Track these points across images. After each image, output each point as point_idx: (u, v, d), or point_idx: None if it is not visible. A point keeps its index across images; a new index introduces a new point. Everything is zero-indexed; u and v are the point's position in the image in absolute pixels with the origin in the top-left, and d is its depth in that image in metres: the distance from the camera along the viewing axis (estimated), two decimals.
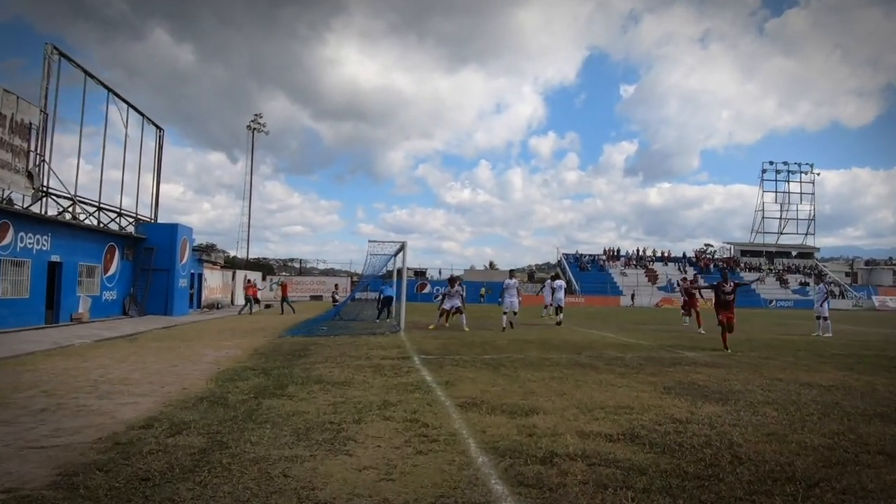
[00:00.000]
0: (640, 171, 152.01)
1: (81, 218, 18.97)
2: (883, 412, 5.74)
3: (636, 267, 59.29)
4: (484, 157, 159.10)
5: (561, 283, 20.90)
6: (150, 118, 23.82)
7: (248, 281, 28.35)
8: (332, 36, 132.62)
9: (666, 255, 63.32)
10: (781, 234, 67.37)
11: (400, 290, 17.33)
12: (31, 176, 16.13)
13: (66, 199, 18.23)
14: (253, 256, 61.02)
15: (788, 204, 66.99)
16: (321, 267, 60.29)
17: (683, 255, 64.32)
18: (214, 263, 32.61)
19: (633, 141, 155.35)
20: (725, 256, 66.04)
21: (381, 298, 20.59)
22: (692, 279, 21.62)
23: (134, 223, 22.53)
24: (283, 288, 26.91)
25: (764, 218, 66.70)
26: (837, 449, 4.34)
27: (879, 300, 53.31)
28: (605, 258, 61.00)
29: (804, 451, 4.29)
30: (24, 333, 13.49)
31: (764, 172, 66.83)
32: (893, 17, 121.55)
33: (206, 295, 29.11)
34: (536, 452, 4.14)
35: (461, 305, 16.92)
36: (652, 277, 57.06)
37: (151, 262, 21.78)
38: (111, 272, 20.04)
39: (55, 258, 16.66)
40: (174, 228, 22.88)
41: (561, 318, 19.66)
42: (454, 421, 5.16)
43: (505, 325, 16.53)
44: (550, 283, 21.85)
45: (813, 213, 67.02)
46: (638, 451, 4.24)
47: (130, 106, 22.11)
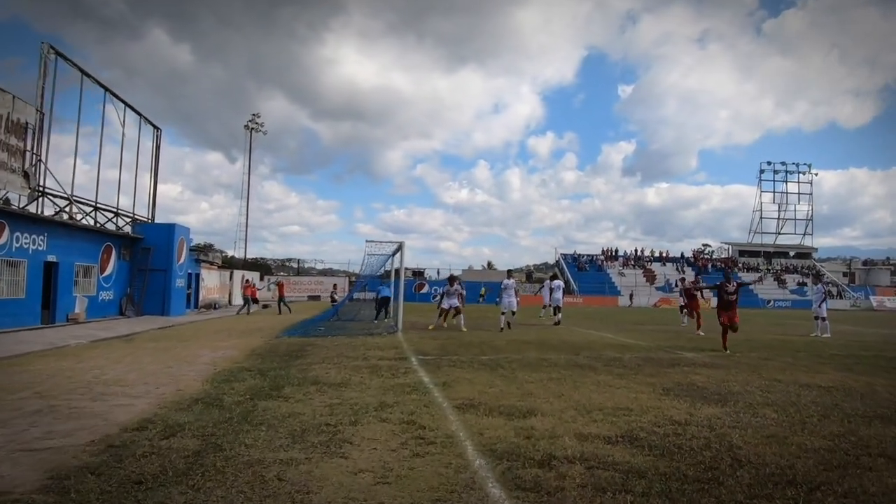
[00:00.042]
0: (638, 171, 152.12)
1: (78, 218, 18.91)
2: (883, 414, 5.70)
3: (634, 267, 59.25)
4: (482, 157, 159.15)
5: (559, 283, 20.82)
6: (147, 118, 23.78)
7: (246, 281, 28.30)
8: (330, 36, 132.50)
9: (664, 255, 63.28)
10: (779, 234, 67.39)
11: (397, 290, 17.28)
12: (27, 176, 16.07)
13: (62, 198, 18.16)
14: (251, 256, 60.95)
15: (786, 204, 67.04)
16: (319, 267, 60.24)
17: (681, 255, 64.35)
18: (212, 263, 32.57)
19: (631, 141, 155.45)
20: (723, 256, 66.07)
21: (378, 299, 20.56)
22: (694, 280, 21.41)
23: (131, 223, 22.45)
24: (279, 288, 26.88)
25: (762, 218, 66.69)
26: (838, 451, 4.30)
27: (877, 300, 53.31)
28: (603, 258, 60.96)
29: (805, 453, 4.26)
30: (19, 334, 13.43)
31: (762, 173, 66.85)
32: (891, 17, 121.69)
33: (203, 295, 29.06)
34: (534, 455, 4.10)
35: (460, 306, 16.79)
36: (650, 278, 57.05)
37: (148, 262, 21.71)
38: (108, 272, 19.98)
39: (51, 258, 16.59)
40: (171, 228, 22.81)
41: (559, 318, 19.62)
42: (451, 423, 5.11)
43: (503, 325, 16.45)
44: (549, 283, 21.77)
45: (811, 213, 67.12)
46: (637, 453, 4.21)
47: (127, 105, 22.07)
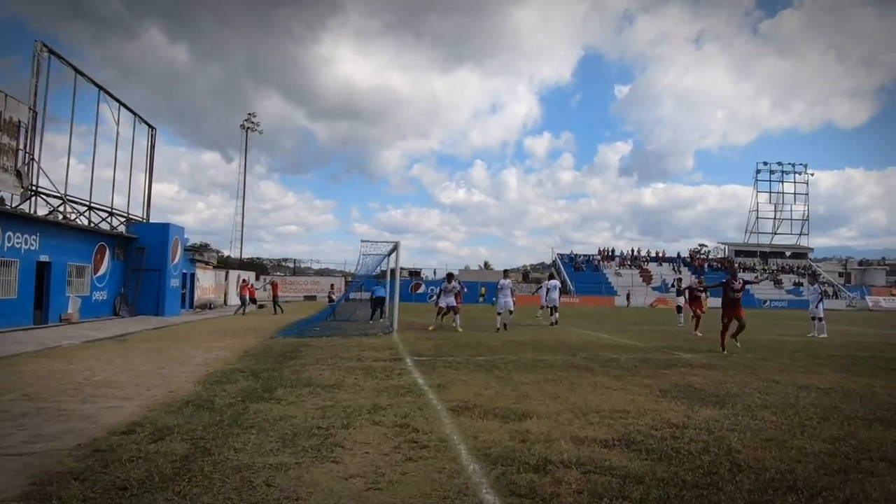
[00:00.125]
0: (634, 171, 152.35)
1: (72, 217, 18.77)
2: (883, 416, 5.64)
3: (631, 267, 59.24)
4: (479, 156, 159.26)
5: (556, 283, 20.70)
6: (142, 117, 23.61)
7: (243, 281, 28.20)
8: (327, 35, 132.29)
9: (660, 255, 63.31)
10: (775, 234, 67.44)
11: (393, 290, 17.17)
12: (19, 175, 15.91)
13: (56, 198, 18.01)
14: (247, 256, 60.77)
15: (782, 204, 67.08)
16: (315, 267, 60.12)
17: (678, 255, 64.39)
18: (207, 263, 32.43)
19: (627, 141, 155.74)
20: (720, 257, 66.09)
21: (373, 299, 20.44)
22: (698, 280, 21.11)
23: (125, 223, 22.30)
24: (273, 287, 26.82)
25: (758, 218, 66.74)
26: (838, 455, 4.23)
27: (873, 300, 53.39)
28: (599, 258, 60.94)
29: (805, 457, 4.18)
30: (11, 334, 13.29)
31: (758, 173, 66.87)
32: (887, 17, 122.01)
33: (198, 295, 28.94)
34: (529, 459, 4.02)
35: (457, 305, 16.62)
36: (646, 278, 57.04)
37: (143, 261, 21.58)
38: (101, 272, 19.83)
39: (44, 258, 16.45)
40: (166, 228, 22.67)
41: (556, 318, 19.54)
42: (445, 426, 5.03)
43: (499, 325, 16.34)
44: (546, 283, 21.61)
45: (807, 213, 67.18)
46: (634, 457, 4.12)
47: (122, 104, 21.91)
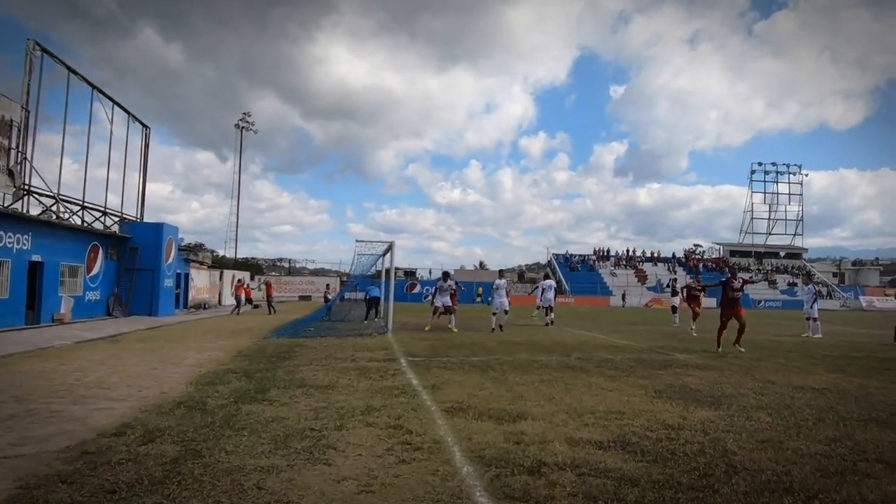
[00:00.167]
0: (629, 171, 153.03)
1: (65, 217, 18.64)
2: (878, 417, 5.61)
3: (626, 267, 59.38)
4: (474, 156, 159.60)
5: (551, 283, 20.62)
6: (135, 116, 23.52)
7: (238, 281, 28.13)
8: (322, 35, 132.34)
9: (655, 255, 63.51)
10: (770, 234, 67.81)
11: (387, 290, 17.10)
12: (11, 174, 15.80)
13: (48, 197, 17.89)
14: (241, 256, 60.72)
15: (777, 204, 67.47)
16: (311, 267, 60.04)
17: (673, 255, 64.58)
18: (201, 263, 32.31)
19: (622, 141, 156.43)
20: (714, 257, 66.29)
21: (367, 299, 20.37)
22: (695, 279, 21.03)
23: (119, 222, 22.18)
24: (267, 287, 26.76)
25: (753, 219, 67.09)
26: (835, 457, 4.20)
27: (866, 300, 53.68)
28: (594, 258, 61.07)
29: (801, 459, 4.15)
30: (2, 335, 13.15)
31: (753, 173, 67.28)
32: (882, 18, 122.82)
33: (192, 295, 28.82)
34: (524, 461, 3.98)
35: (452, 306, 16.51)
36: (641, 278, 57.17)
37: (136, 261, 21.46)
38: (94, 272, 19.72)
39: (36, 258, 16.33)
40: (159, 228, 22.56)
41: (552, 318, 19.50)
42: (439, 427, 4.98)
43: (494, 325, 16.29)
44: (542, 282, 21.55)
45: (801, 213, 67.56)
46: (629, 459, 4.09)
47: (115, 103, 21.80)
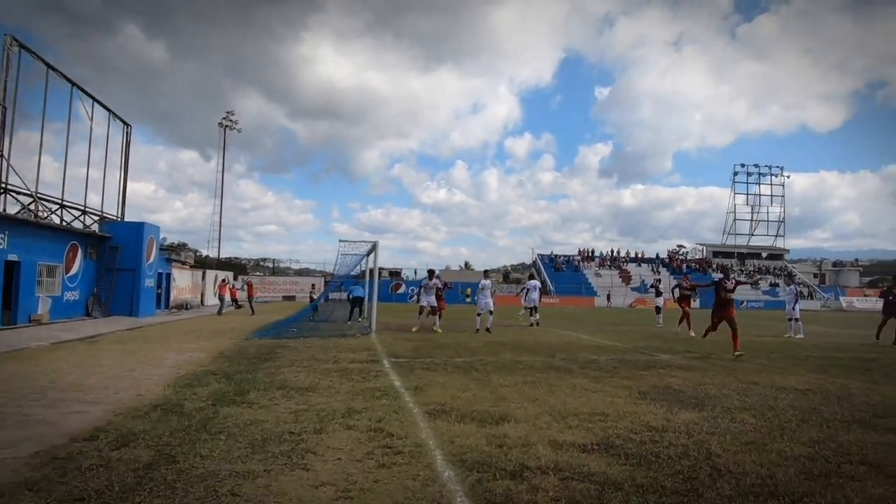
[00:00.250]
0: (614, 172, 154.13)
1: (44, 216, 18.30)
2: (861, 418, 5.62)
3: (610, 268, 59.61)
4: (460, 157, 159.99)
5: (535, 283, 20.54)
6: (116, 114, 23.12)
7: (222, 280, 27.84)
8: (307, 34, 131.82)
9: (639, 256, 63.82)
10: (752, 235, 68.33)
11: (371, 290, 16.95)
12: None
13: (26, 196, 17.54)
14: (225, 256, 60.12)
15: (759, 206, 67.99)
16: (295, 267, 59.68)
17: (657, 256, 64.98)
18: (184, 263, 31.96)
19: (607, 143, 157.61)
20: (697, 257, 66.77)
21: (350, 298, 20.19)
22: (684, 278, 20.79)
23: (99, 221, 21.83)
24: (248, 287, 26.53)
25: (735, 220, 67.57)
26: (819, 459, 4.18)
27: (846, 301, 54.33)
28: (579, 259, 61.23)
29: (785, 461, 4.12)
30: None
31: (735, 175, 67.73)
32: (862, 23, 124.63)
33: (174, 295, 28.46)
34: (506, 465, 3.91)
35: (438, 307, 16.33)
36: (626, 278, 57.42)
37: (116, 261, 21.11)
38: (73, 272, 19.37)
39: (12, 257, 15.99)
40: (140, 227, 22.22)
41: (537, 318, 19.46)
42: (421, 430, 4.90)
43: (478, 326, 16.21)
44: (527, 283, 21.45)
45: (782, 215, 68.16)
46: (613, 462, 4.03)
47: (96, 101, 21.43)
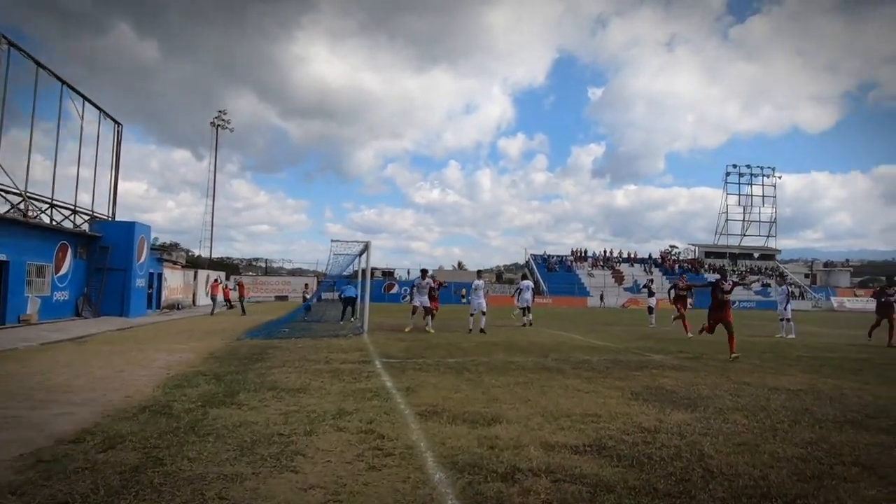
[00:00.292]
0: (607, 173, 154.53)
1: (33, 215, 18.13)
2: (853, 418, 5.61)
3: (603, 268, 59.70)
4: (453, 157, 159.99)
5: (528, 283, 20.48)
6: (107, 112, 22.95)
7: (215, 280, 27.77)
8: (301, 34, 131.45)
9: (632, 256, 63.96)
10: (744, 236, 68.53)
11: (363, 290, 16.87)
12: None
13: (15, 195, 17.38)
14: (217, 256, 59.89)
15: (751, 206, 68.19)
16: (288, 267, 59.48)
17: (649, 256, 65.11)
18: (175, 263, 31.78)
19: (600, 143, 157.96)
20: (690, 258, 66.98)
21: (342, 298, 20.10)
22: (680, 278, 20.45)
23: (89, 221, 21.66)
24: (240, 288, 26.44)
25: (727, 220, 67.77)
26: (811, 460, 4.16)
27: (837, 301, 54.63)
28: (572, 259, 61.28)
29: (777, 462, 4.10)
30: None
31: (727, 175, 67.93)
32: (852, 24, 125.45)
33: (166, 295, 28.29)
34: (498, 467, 3.87)
35: (430, 306, 16.22)
36: (618, 278, 57.51)
37: (107, 261, 20.97)
38: (63, 271, 19.21)
39: (1, 257, 15.85)
40: (131, 227, 22.07)
41: (530, 318, 19.42)
42: (412, 431, 4.86)
43: (471, 326, 16.17)
44: (519, 283, 21.38)
45: (774, 215, 68.42)
46: (605, 464, 4.00)
47: (86, 99, 21.26)
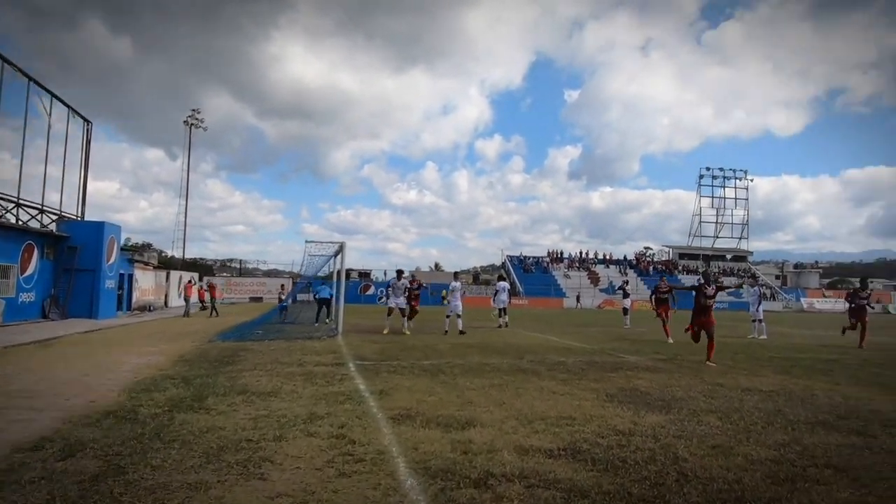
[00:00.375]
0: (583, 174, 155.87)
1: None
2: (825, 420, 5.65)
3: (579, 269, 60.03)
4: (430, 158, 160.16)
5: (504, 284, 20.41)
6: (76, 110, 22.44)
7: (189, 281, 27.38)
8: (277, 33, 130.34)
9: (608, 257, 64.42)
10: (717, 237, 69.52)
11: (338, 292, 16.68)
12: None
13: None
14: (191, 256, 59.05)
15: (724, 209, 69.24)
16: (263, 268, 58.90)
17: (624, 257, 65.66)
18: (147, 263, 31.16)
19: (577, 145, 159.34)
20: (664, 259, 67.70)
21: (317, 300, 19.89)
22: (662, 280, 19.92)
23: (57, 221, 21.14)
24: (211, 289, 26.06)
25: (701, 222, 68.71)
26: (784, 463, 4.16)
27: (807, 302, 55.66)
28: (548, 260, 61.52)
29: (751, 465, 4.09)
30: None
31: (701, 178, 68.91)
32: (821, 31, 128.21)
33: (137, 296, 27.74)
34: (471, 473, 3.79)
35: (406, 308, 16.04)
36: (594, 279, 57.87)
37: (75, 261, 20.46)
38: (29, 272, 18.71)
39: None
40: (100, 226, 21.56)
41: (506, 320, 19.39)
42: (384, 436, 4.76)
43: (447, 328, 16.11)
44: (496, 284, 21.29)
45: (746, 217, 69.50)
46: (580, 468, 3.95)
47: (54, 96, 20.75)
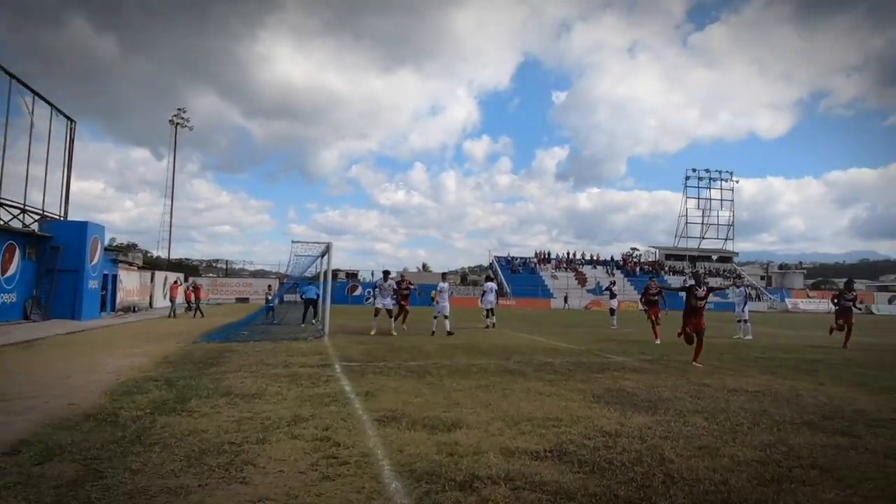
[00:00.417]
0: (570, 175, 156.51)
1: None
2: (810, 420, 5.67)
3: (566, 270, 60.21)
4: (419, 158, 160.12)
5: (492, 285, 20.28)
6: (59, 108, 22.14)
7: (174, 281, 27.15)
8: (265, 33, 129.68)
9: (595, 258, 64.65)
10: (703, 238, 69.97)
11: (325, 292, 16.59)
12: None
13: None
14: (177, 257, 58.57)
15: (710, 210, 69.68)
16: (249, 268, 58.54)
17: (611, 258, 65.94)
18: (131, 264, 30.87)
19: (564, 146, 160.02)
20: (651, 260, 68.08)
21: (303, 300, 19.79)
22: (652, 281, 19.63)
23: (40, 220, 20.85)
24: (195, 290, 25.84)
25: (687, 223, 69.11)
26: (770, 463, 4.16)
27: (792, 303, 56.26)
28: (536, 261, 61.65)
29: (737, 466, 4.08)
30: None
31: (687, 179, 69.33)
32: (805, 34, 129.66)
33: (121, 297, 27.45)
34: (456, 476, 3.75)
35: (393, 309, 16.01)
36: (581, 280, 58.05)
37: (57, 262, 20.17)
38: (10, 273, 18.43)
39: None
40: (83, 226, 21.30)
41: (493, 320, 19.35)
42: (369, 438, 4.71)
43: (434, 329, 16.06)
44: (483, 285, 21.23)
45: (732, 219, 70.00)
46: (566, 470, 3.92)
47: (37, 94, 20.47)
